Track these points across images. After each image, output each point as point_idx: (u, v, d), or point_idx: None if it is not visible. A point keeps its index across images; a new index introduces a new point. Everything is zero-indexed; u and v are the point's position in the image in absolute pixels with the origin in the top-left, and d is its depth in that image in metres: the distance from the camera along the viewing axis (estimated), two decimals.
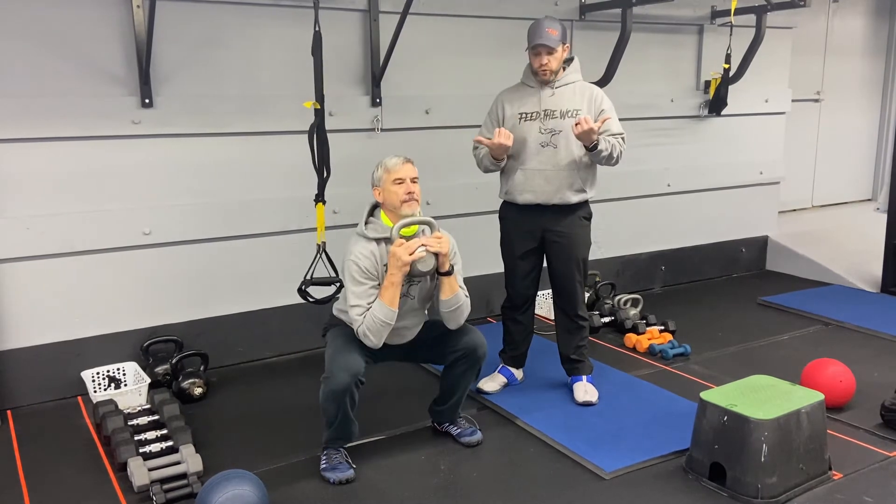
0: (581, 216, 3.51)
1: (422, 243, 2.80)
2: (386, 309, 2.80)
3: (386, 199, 2.91)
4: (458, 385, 3.14)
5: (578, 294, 3.59)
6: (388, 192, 2.89)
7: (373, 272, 2.86)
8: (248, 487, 2.52)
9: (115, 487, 2.89)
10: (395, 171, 2.88)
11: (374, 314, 2.80)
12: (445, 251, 2.86)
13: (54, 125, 3.52)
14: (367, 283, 2.85)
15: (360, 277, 2.84)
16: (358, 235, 2.92)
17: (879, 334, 4.56)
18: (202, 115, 3.85)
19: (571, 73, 3.46)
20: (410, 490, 2.86)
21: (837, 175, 7.29)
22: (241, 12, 3.90)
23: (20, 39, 3.44)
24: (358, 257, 2.85)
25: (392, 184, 2.87)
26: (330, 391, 2.82)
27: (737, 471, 2.75)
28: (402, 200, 2.86)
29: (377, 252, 2.88)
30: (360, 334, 2.84)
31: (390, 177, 2.88)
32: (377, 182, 2.93)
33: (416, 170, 2.92)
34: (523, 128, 3.42)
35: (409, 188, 2.87)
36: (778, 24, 5.63)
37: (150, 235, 3.81)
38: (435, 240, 2.84)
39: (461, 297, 2.96)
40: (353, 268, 2.85)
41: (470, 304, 3.01)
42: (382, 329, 2.82)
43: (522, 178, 3.44)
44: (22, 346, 3.63)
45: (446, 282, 2.92)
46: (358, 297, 2.84)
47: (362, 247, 2.87)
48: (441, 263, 2.88)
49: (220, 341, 4.06)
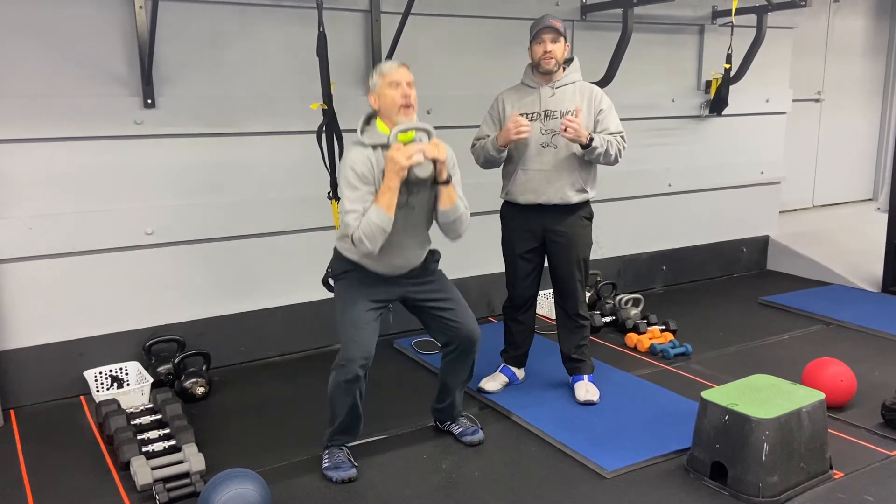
0: (582, 216, 3.52)
1: (420, 148, 2.75)
2: (382, 214, 2.73)
3: (382, 105, 2.84)
4: (453, 380, 3.14)
5: (579, 294, 3.60)
6: (383, 97, 2.82)
7: (369, 177, 2.79)
8: (251, 486, 2.53)
9: (118, 486, 2.90)
10: (390, 75, 2.81)
11: (370, 218, 2.73)
12: (443, 158, 2.79)
13: (57, 125, 3.53)
14: (363, 188, 2.78)
15: (355, 182, 2.78)
16: (354, 143, 2.86)
17: (880, 334, 4.56)
18: (204, 115, 3.86)
19: (571, 73, 3.47)
20: (412, 489, 2.87)
21: (838, 175, 7.29)
22: (244, 13, 3.91)
23: (23, 40, 3.45)
24: (353, 162, 2.79)
25: (387, 87, 2.80)
26: (343, 380, 2.81)
27: (738, 470, 2.76)
28: (399, 105, 2.79)
29: (373, 158, 2.81)
30: (355, 239, 2.76)
31: (385, 80, 2.81)
32: (372, 88, 2.86)
33: (411, 75, 2.85)
34: None
35: (404, 91, 2.80)
36: (779, 24, 5.64)
37: (153, 235, 3.82)
38: (433, 146, 2.79)
39: (460, 208, 2.91)
40: (349, 173, 2.79)
41: (469, 216, 2.97)
42: (378, 235, 2.74)
43: (524, 178, 3.45)
44: (25, 346, 3.64)
45: (444, 191, 2.86)
46: (353, 202, 2.77)
47: (358, 152, 2.81)
48: (439, 171, 2.82)
49: (223, 341, 4.07)
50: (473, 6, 4.55)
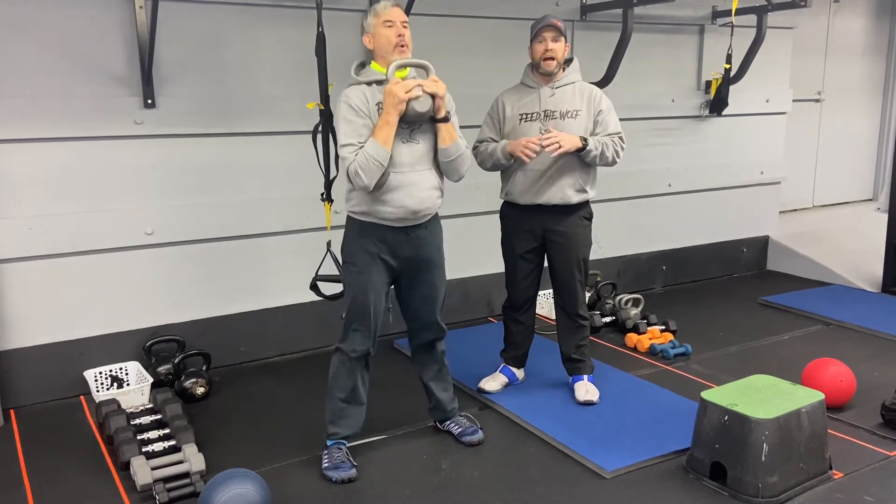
0: (582, 216, 3.52)
1: (418, 83, 2.75)
2: (379, 147, 2.71)
3: (377, 45, 2.85)
4: (428, 376, 3.21)
5: (579, 294, 3.60)
6: (378, 37, 2.84)
7: (364, 110, 2.79)
8: (251, 486, 2.53)
9: (118, 486, 2.90)
10: (385, 14, 2.83)
11: (367, 151, 2.71)
12: (442, 94, 2.80)
13: (57, 125, 3.53)
14: (359, 121, 2.78)
15: (350, 115, 2.78)
16: (348, 85, 2.87)
17: (880, 334, 4.56)
18: (204, 115, 3.86)
19: (571, 74, 3.47)
20: (412, 489, 2.87)
21: (838, 175, 7.29)
22: (244, 13, 3.91)
23: (23, 40, 3.45)
24: (348, 97, 2.79)
25: (382, 27, 2.82)
26: (347, 360, 2.89)
27: (737, 470, 2.76)
28: (393, 45, 2.80)
29: (368, 92, 2.81)
30: (351, 172, 2.74)
31: (380, 20, 2.83)
32: (367, 28, 2.87)
33: (405, 15, 2.87)
34: (524, 128, 3.43)
35: (399, 30, 2.81)
36: (779, 24, 5.64)
37: (153, 235, 3.82)
38: (431, 82, 2.79)
39: (461, 146, 2.91)
40: (344, 108, 2.79)
41: (469, 156, 2.98)
42: (375, 168, 2.72)
43: (523, 178, 3.45)
44: (25, 346, 3.64)
45: (444, 129, 2.86)
46: (348, 136, 2.76)
47: (352, 88, 2.83)
48: (437, 107, 2.81)
49: (223, 341, 4.07)
50: (473, 6, 4.55)
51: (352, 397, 2.97)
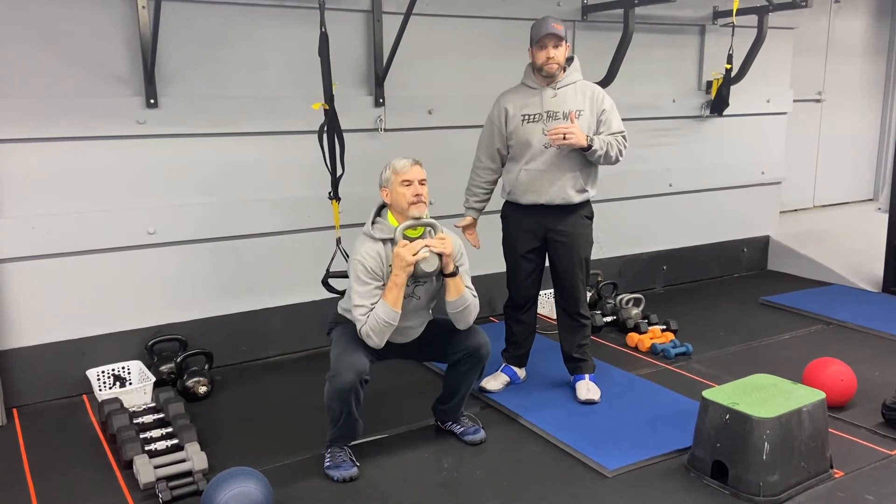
0: (583, 215, 3.53)
1: (425, 244, 2.82)
2: (389, 310, 2.81)
3: (393, 201, 2.92)
4: (461, 384, 3.16)
5: (580, 293, 3.60)
6: (395, 194, 2.90)
7: (378, 272, 2.87)
8: (253, 485, 2.53)
9: (120, 485, 2.91)
10: (404, 173, 2.89)
11: (378, 314, 2.81)
12: (449, 252, 2.88)
13: (59, 125, 3.54)
14: (372, 284, 2.86)
15: (365, 277, 2.86)
16: (364, 235, 2.94)
17: (880, 334, 4.57)
18: (207, 115, 3.87)
19: (572, 73, 3.47)
20: (413, 488, 2.88)
21: (839, 175, 7.30)
22: (246, 13, 3.92)
23: (25, 40, 3.46)
24: (364, 257, 2.86)
25: (400, 185, 2.88)
26: (335, 390, 2.84)
27: (738, 469, 2.77)
28: (409, 202, 2.87)
29: (383, 252, 2.89)
30: (363, 334, 2.85)
31: (398, 178, 2.89)
32: (385, 183, 2.94)
33: (424, 172, 2.93)
34: (526, 129, 3.43)
35: (416, 190, 2.87)
36: (779, 24, 5.64)
37: (155, 235, 3.83)
38: (438, 241, 2.87)
39: (468, 298, 2.96)
40: (359, 267, 2.86)
41: (478, 304, 3.02)
42: (385, 329, 2.84)
43: (525, 178, 3.45)
44: (28, 345, 3.65)
45: (451, 283, 2.93)
46: (362, 297, 2.85)
47: (368, 247, 2.89)
48: (445, 265, 2.90)
49: (225, 340, 4.08)
50: (475, 6, 4.56)
51: (346, 422, 2.94)
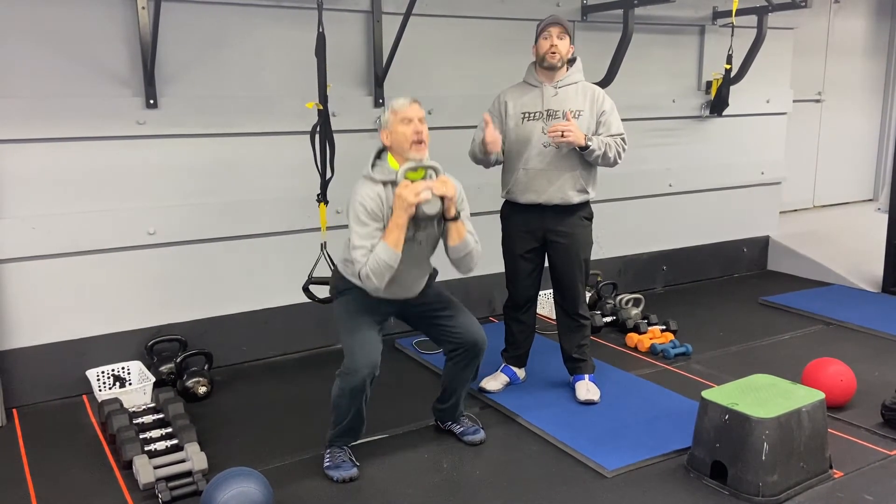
0: (582, 216, 3.53)
1: (427, 185, 2.78)
2: (390, 251, 2.75)
3: (394, 142, 2.87)
4: (458, 382, 3.15)
5: (580, 293, 3.60)
6: (395, 134, 2.85)
7: (378, 214, 2.82)
8: (253, 485, 2.53)
9: (120, 485, 2.91)
10: (403, 111, 2.83)
11: (378, 255, 2.75)
12: (451, 195, 2.82)
13: (59, 126, 3.54)
14: (372, 225, 2.81)
15: (365, 219, 2.81)
16: (364, 178, 2.88)
17: (880, 334, 4.57)
18: (207, 115, 3.87)
19: (574, 74, 3.47)
20: (413, 488, 2.88)
21: (839, 175, 7.30)
22: (246, 13, 3.92)
23: (25, 40, 3.46)
24: (364, 199, 2.81)
25: (400, 124, 2.83)
26: (348, 388, 2.82)
27: (738, 469, 2.77)
28: (410, 142, 2.82)
29: (383, 194, 2.83)
30: (362, 276, 2.78)
31: (397, 117, 2.84)
32: (385, 124, 2.89)
33: (423, 111, 2.87)
34: (526, 127, 3.43)
35: (417, 128, 2.82)
36: (779, 24, 5.64)
37: (155, 235, 3.83)
38: (441, 183, 2.82)
39: (470, 243, 2.93)
40: (359, 209, 2.81)
41: (480, 250, 2.98)
42: (385, 271, 2.77)
43: (525, 177, 3.45)
44: (28, 346, 3.65)
45: (453, 227, 2.89)
46: (362, 238, 2.80)
47: (368, 188, 2.84)
48: (447, 208, 2.84)
49: (224, 340, 4.08)
50: (475, 7, 4.56)
51: (353, 422, 2.95)
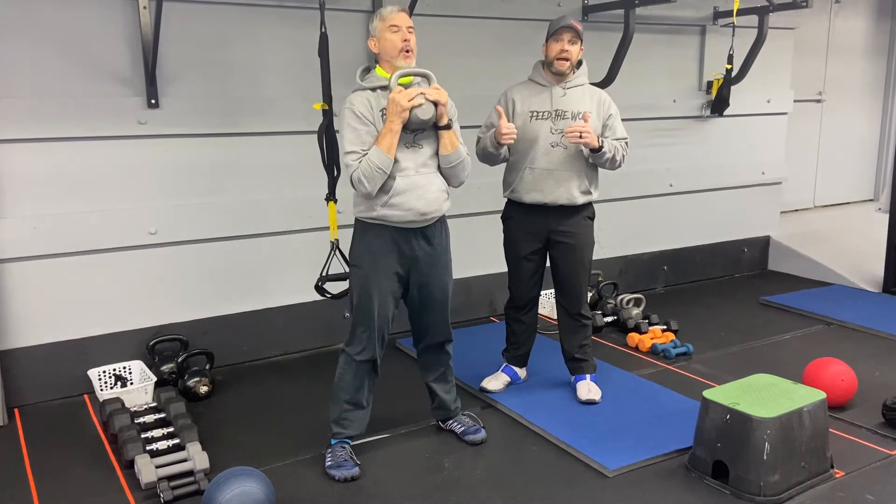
0: (586, 216, 3.53)
1: (421, 91, 2.79)
2: (382, 155, 2.75)
3: (382, 49, 2.88)
4: (428, 375, 3.22)
5: (582, 293, 3.61)
6: (384, 41, 2.86)
7: (368, 117, 2.82)
8: (255, 484, 2.54)
9: (122, 484, 2.91)
10: (391, 19, 2.85)
11: (371, 159, 2.75)
12: (444, 101, 2.84)
13: (61, 126, 3.55)
14: (363, 128, 2.81)
15: (355, 123, 2.81)
16: (353, 90, 2.90)
17: (881, 334, 4.57)
18: (208, 115, 3.87)
19: (581, 76, 3.47)
20: (414, 487, 2.88)
21: (839, 175, 7.30)
22: (247, 13, 3.92)
23: (27, 40, 3.46)
24: (353, 104, 2.82)
25: (388, 31, 2.84)
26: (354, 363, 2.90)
27: (739, 469, 2.77)
28: (399, 49, 2.83)
29: (373, 99, 2.84)
30: (354, 179, 2.79)
31: (385, 24, 2.85)
32: (373, 32, 2.90)
33: (410, 20, 2.89)
34: (534, 126, 3.42)
35: (405, 36, 2.84)
36: (780, 24, 5.65)
37: (156, 235, 3.84)
38: (434, 90, 2.83)
39: (462, 153, 2.95)
40: (348, 114, 2.82)
41: (471, 162, 3.01)
42: (378, 176, 2.77)
43: (531, 177, 3.45)
44: (29, 345, 3.65)
45: (446, 136, 2.90)
46: (352, 144, 2.80)
47: (357, 95, 2.85)
48: (440, 115, 2.86)
49: (226, 340, 4.08)
50: (475, 7, 4.56)
51: (356, 400, 2.97)
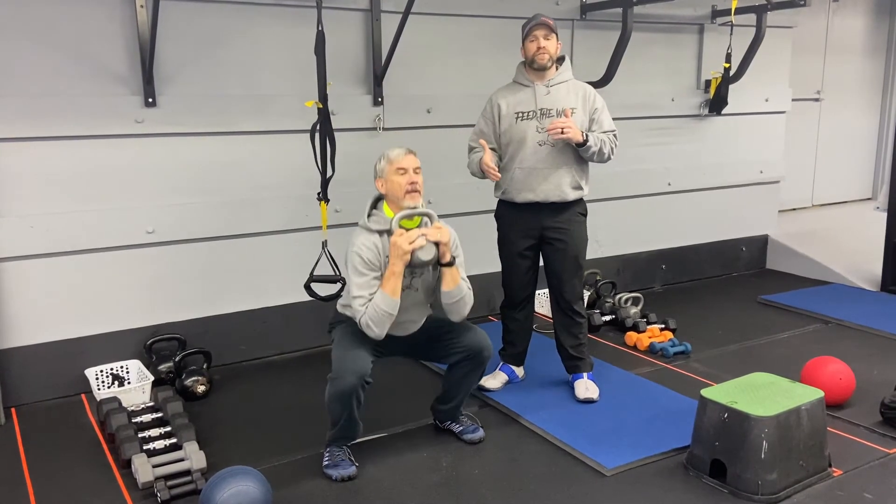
0: (578, 212, 3.54)
1: (422, 233, 2.82)
2: (388, 299, 2.81)
3: (389, 190, 2.93)
4: (462, 386, 3.17)
5: (576, 290, 3.60)
6: (390, 183, 2.91)
7: (375, 263, 2.87)
8: (252, 484, 2.53)
9: (119, 484, 2.91)
10: (398, 162, 2.89)
11: (377, 304, 2.81)
12: (446, 240, 2.87)
13: (58, 124, 3.54)
14: (370, 274, 2.86)
15: (362, 269, 2.86)
16: (361, 228, 2.94)
17: (879, 332, 4.57)
18: (205, 114, 3.86)
19: (564, 72, 3.48)
20: (412, 487, 2.88)
21: (837, 174, 7.30)
22: (244, 12, 3.92)
23: (24, 39, 3.45)
24: (360, 248, 2.87)
25: (395, 174, 2.89)
26: (336, 392, 2.83)
27: (737, 467, 2.77)
28: (405, 191, 2.87)
29: (379, 244, 2.89)
30: (363, 325, 2.84)
31: (393, 167, 2.90)
32: (380, 173, 2.94)
33: (418, 161, 2.93)
34: (520, 127, 3.43)
35: (411, 178, 2.88)
36: (778, 23, 5.65)
37: (154, 234, 3.83)
38: (435, 230, 2.87)
39: (463, 289, 2.97)
40: (356, 259, 2.86)
41: (472, 297, 3.03)
42: (385, 319, 2.83)
43: (521, 176, 3.45)
44: (26, 344, 3.65)
45: (448, 273, 2.93)
46: (360, 288, 2.85)
47: (365, 238, 2.89)
48: (442, 254, 2.89)
49: (223, 339, 4.08)
50: (473, 5, 4.56)
51: (347, 421, 2.93)
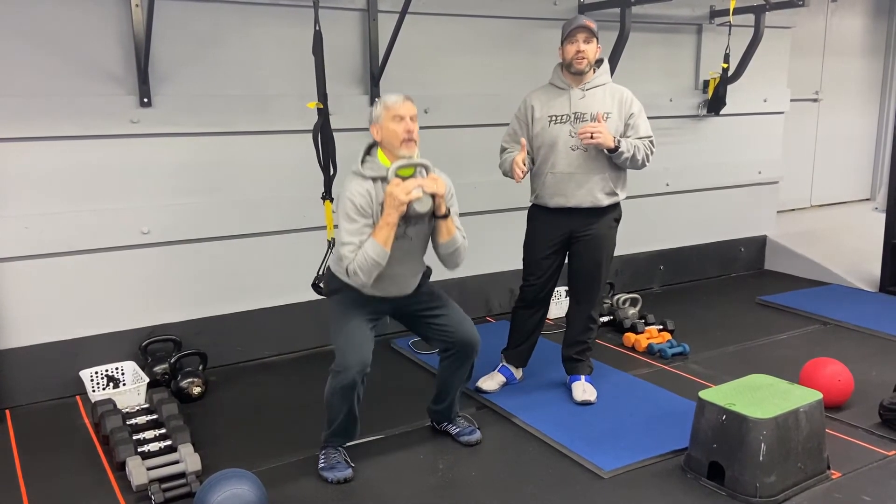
0: (612, 218, 3.50)
1: (419, 184, 2.77)
2: (378, 248, 2.74)
3: (384, 138, 2.85)
4: (452, 383, 3.14)
5: (598, 296, 3.59)
6: (386, 130, 2.83)
7: (367, 210, 2.81)
8: (247, 486, 2.52)
9: (113, 487, 2.89)
10: (395, 108, 2.81)
11: (367, 252, 2.74)
12: (442, 193, 2.82)
13: (53, 124, 3.52)
14: (361, 221, 2.80)
15: (354, 215, 2.80)
16: (353, 174, 2.87)
17: (878, 333, 4.56)
18: (201, 114, 3.85)
19: (601, 75, 3.43)
20: (409, 489, 2.87)
21: (836, 175, 7.30)
22: (240, 11, 3.90)
23: (19, 39, 3.44)
24: (353, 194, 2.80)
25: (391, 121, 2.81)
26: (339, 386, 2.80)
27: (735, 470, 2.75)
28: (400, 139, 2.80)
29: (372, 191, 2.83)
30: (350, 272, 2.78)
31: (389, 114, 2.82)
32: (375, 119, 2.87)
33: (415, 108, 2.86)
34: (553, 130, 3.39)
35: (408, 126, 2.81)
36: (776, 23, 5.64)
37: (149, 235, 3.81)
38: (431, 181, 2.80)
39: (458, 240, 2.93)
40: (348, 205, 2.80)
41: (468, 247, 2.99)
42: (373, 268, 2.76)
43: (553, 181, 3.42)
44: (21, 346, 3.63)
45: (443, 224, 2.88)
46: (350, 235, 2.79)
47: (357, 184, 2.83)
48: (438, 206, 2.84)
49: (219, 340, 4.06)
50: (471, 5, 4.54)
51: (347, 417, 2.93)
